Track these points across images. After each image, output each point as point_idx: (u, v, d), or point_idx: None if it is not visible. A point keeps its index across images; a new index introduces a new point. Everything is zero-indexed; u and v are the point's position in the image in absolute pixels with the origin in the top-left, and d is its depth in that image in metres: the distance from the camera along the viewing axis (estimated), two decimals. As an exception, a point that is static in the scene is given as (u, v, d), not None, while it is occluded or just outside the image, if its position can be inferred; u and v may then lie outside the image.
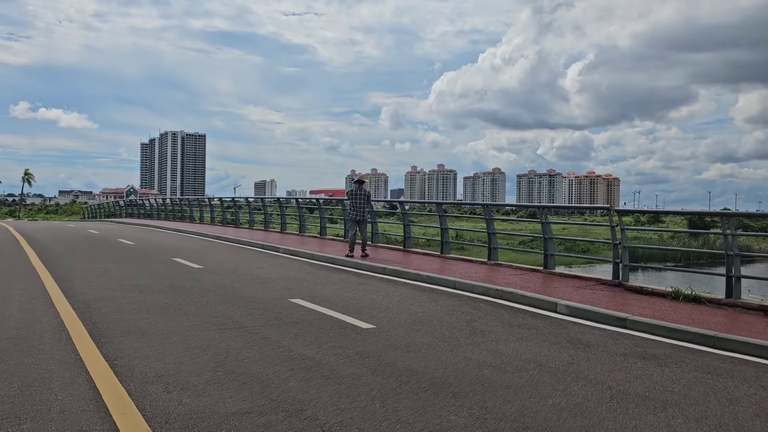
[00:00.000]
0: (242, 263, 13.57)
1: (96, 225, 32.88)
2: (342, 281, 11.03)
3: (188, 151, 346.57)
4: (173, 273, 11.62)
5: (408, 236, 15.62)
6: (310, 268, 12.99)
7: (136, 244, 18.03)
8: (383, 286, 10.58)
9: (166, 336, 6.47)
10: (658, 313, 8.10)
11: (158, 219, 34.29)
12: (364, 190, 14.35)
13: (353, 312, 8.01)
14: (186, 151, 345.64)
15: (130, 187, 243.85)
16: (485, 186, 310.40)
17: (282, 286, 10.18)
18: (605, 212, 10.61)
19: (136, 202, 42.85)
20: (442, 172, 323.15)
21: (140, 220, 35.38)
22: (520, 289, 9.64)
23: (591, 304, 8.62)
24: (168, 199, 37.27)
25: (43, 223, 37.95)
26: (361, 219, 14.22)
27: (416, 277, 11.44)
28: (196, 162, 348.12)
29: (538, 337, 6.99)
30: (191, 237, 21.82)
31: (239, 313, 7.78)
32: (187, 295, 9.07)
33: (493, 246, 13.03)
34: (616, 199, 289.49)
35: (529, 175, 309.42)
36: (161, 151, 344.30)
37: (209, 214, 29.28)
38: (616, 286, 10.32)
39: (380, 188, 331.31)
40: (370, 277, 11.63)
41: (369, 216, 14.52)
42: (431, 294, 9.79)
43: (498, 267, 12.59)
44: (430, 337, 6.75)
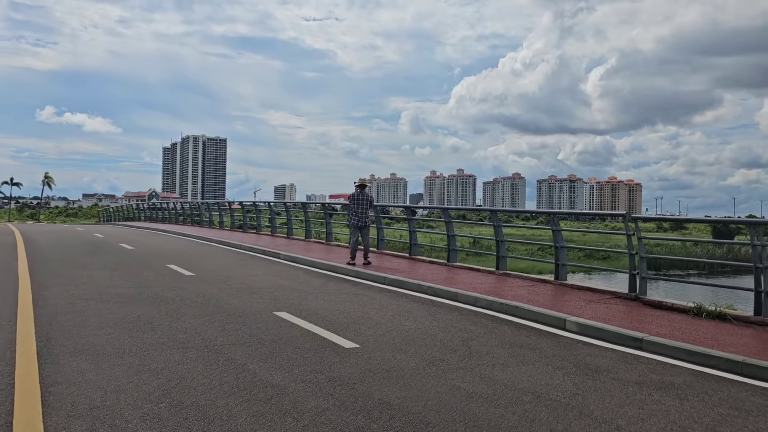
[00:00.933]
0: (237, 270, 12.92)
1: (106, 228, 32.56)
2: (337, 292, 10.31)
3: (209, 155, 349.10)
4: (161, 281, 11.00)
5: (414, 243, 14.85)
6: (307, 276, 12.30)
7: (136, 249, 17.49)
8: (380, 297, 9.85)
9: (122, 356, 5.80)
10: (678, 333, 7.27)
11: (174, 223, 33.66)
12: (366, 194, 13.66)
13: (339, 328, 7.29)
14: (207, 155, 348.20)
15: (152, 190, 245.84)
16: (505, 191, 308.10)
17: (271, 297, 9.49)
18: (621, 219, 9.78)
19: (156, 205, 41.90)
20: (461, 177, 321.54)
21: (155, 224, 34.95)
22: (527, 303, 8.84)
23: (603, 320, 7.81)
24: (183, 204, 36.33)
25: (51, 226, 37.77)
26: (363, 225, 13.51)
27: (417, 288, 10.69)
28: (216, 166, 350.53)
29: (541, 360, 6.21)
30: (196, 242, 21.27)
31: (212, 329, 7.09)
32: (165, 307, 8.42)
33: (502, 254, 12.22)
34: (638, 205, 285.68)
35: (550, 181, 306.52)
36: (183, 155, 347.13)
37: (225, 217, 28.32)
38: (632, 299, 9.48)
39: (399, 193, 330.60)
40: (368, 288, 10.91)
41: (371, 221, 13.79)
42: (430, 307, 9.04)
43: (506, 277, 11.78)
44: (417, 360, 6.00)
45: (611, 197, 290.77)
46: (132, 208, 46.83)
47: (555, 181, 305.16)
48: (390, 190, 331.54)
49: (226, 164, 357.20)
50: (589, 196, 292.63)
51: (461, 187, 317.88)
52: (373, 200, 13.83)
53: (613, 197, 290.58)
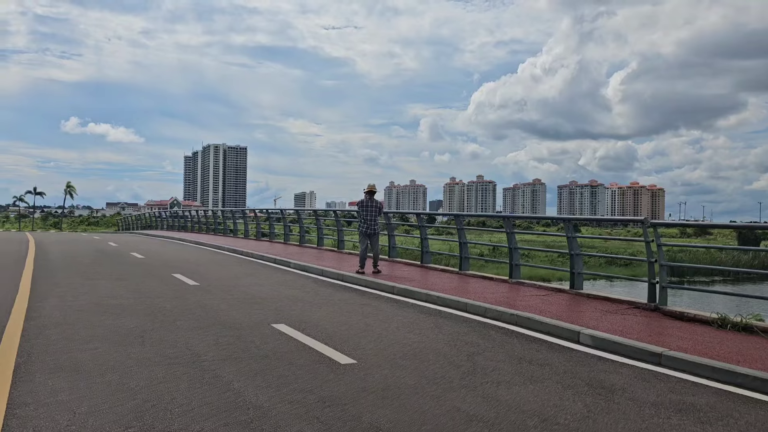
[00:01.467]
0: (244, 280, 12.61)
1: (122, 237, 32.58)
2: (343, 302, 9.94)
3: (230, 163, 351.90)
4: (162, 291, 10.72)
5: (426, 251, 14.44)
6: (315, 285, 11.95)
7: (146, 258, 17.29)
8: (386, 308, 9.46)
9: (102, 373, 5.47)
10: (701, 347, 6.79)
11: (192, 232, 33.34)
12: (375, 201, 13.28)
13: (338, 342, 6.92)
14: (228, 164, 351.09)
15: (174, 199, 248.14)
16: (525, 197, 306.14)
17: (273, 308, 9.15)
18: (640, 225, 9.30)
19: (177, 213, 41.22)
20: (481, 183, 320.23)
21: (173, 232, 34.88)
22: (539, 314, 8.39)
23: (620, 333, 7.34)
24: (202, 212, 35.88)
25: (69, 235, 37.91)
26: (372, 232, 13.13)
27: (425, 297, 10.29)
28: (237, 174, 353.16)
29: (551, 377, 5.78)
30: (209, 250, 21.06)
31: (205, 343, 6.76)
32: (161, 319, 8.11)
33: (515, 263, 11.76)
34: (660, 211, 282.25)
35: (571, 186, 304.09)
36: (204, 163, 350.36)
37: (240, 226, 27.94)
38: (652, 310, 8.98)
39: (419, 200, 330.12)
40: (375, 297, 10.53)
41: (381, 229, 13.41)
42: (437, 319, 8.63)
43: (520, 286, 11.33)
44: (417, 377, 5.60)
45: (633, 203, 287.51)
46: (153, 217, 46.66)
47: (576, 186, 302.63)
48: (410, 197, 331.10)
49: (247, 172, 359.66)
50: (611, 202, 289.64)
51: (481, 194, 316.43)
52: (383, 207, 13.44)
53: (636, 203, 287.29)
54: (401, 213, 19.21)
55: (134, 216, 54.32)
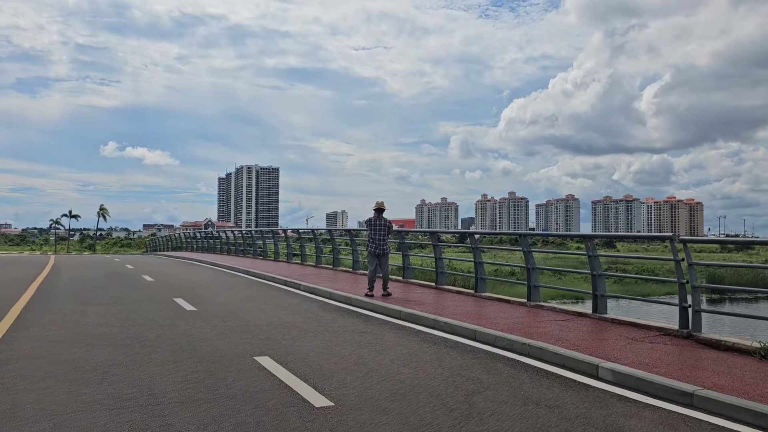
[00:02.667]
0: (247, 304, 11.93)
1: (144, 259, 32.37)
2: (342, 329, 9.16)
3: (262, 184, 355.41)
4: (154, 318, 10.08)
5: (441, 272, 13.58)
6: (318, 310, 11.20)
7: (154, 282, 16.78)
8: (388, 336, 8.64)
9: (35, 420, 4.78)
10: (740, 384, 5.82)
11: (219, 253, 32.53)
12: (385, 219, 12.49)
13: (321, 379, 6.14)
14: (260, 184, 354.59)
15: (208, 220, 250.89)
16: (559, 213, 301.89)
17: (263, 337, 8.41)
18: (668, 242, 8.34)
19: (206, 234, 39.76)
20: (513, 200, 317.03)
21: (197, 254, 34.51)
22: (554, 343, 7.49)
23: (645, 367, 6.41)
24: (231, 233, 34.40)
25: (93, 257, 37.96)
26: (382, 252, 12.34)
27: (433, 323, 9.45)
28: (270, 194, 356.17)
29: (560, 424, 4.89)
30: (225, 272, 20.56)
31: (171, 381, 6.03)
32: (137, 351, 7.44)
33: (533, 284, 10.85)
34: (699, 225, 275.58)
35: (605, 202, 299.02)
36: (237, 184, 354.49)
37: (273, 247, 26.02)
38: (684, 337, 7.99)
39: (450, 218, 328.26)
40: (379, 323, 9.72)
41: (389, 248, 12.58)
42: (441, 348, 7.78)
43: (538, 310, 10.40)
44: (399, 425, 4.78)
45: (671, 217, 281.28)
46: (182, 237, 45.57)
47: (610, 202, 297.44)
48: (441, 215, 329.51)
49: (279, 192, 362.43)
50: (647, 217, 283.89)
51: (513, 211, 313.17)
52: (392, 225, 12.63)
53: (673, 217, 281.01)
54: (416, 232, 18.29)
55: (162, 237, 54.30)
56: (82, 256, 46.60)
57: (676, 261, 8.10)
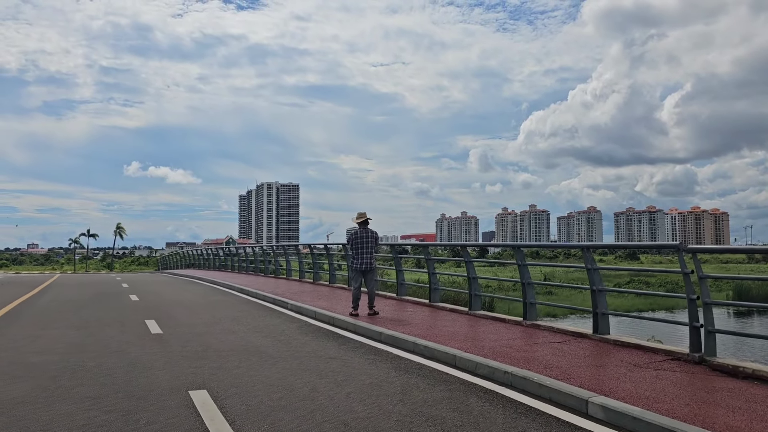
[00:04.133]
0: (220, 326, 11.01)
1: (146, 278, 31.73)
2: (309, 355, 8.18)
3: (283, 200, 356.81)
4: (109, 343, 9.20)
5: (434, 288, 12.54)
6: (295, 332, 10.23)
7: (138, 302, 15.96)
8: (357, 363, 7.64)
9: None
10: (761, 425, 4.73)
11: (230, 271, 30.36)
12: (370, 231, 11.47)
13: (253, 420, 5.16)
14: (281, 201, 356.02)
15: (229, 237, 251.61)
16: (581, 226, 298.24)
17: (216, 366, 7.47)
18: (674, 252, 7.24)
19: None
20: (534, 213, 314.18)
21: (204, 272, 33.73)
22: (541, 372, 6.42)
23: (645, 402, 5.32)
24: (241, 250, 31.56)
25: (95, 276, 37.50)
26: (368, 268, 11.31)
27: (413, 347, 8.42)
28: (290, 211, 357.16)
29: (525, 483, 3.85)
30: (219, 290, 19.72)
31: (72, 423, 5.09)
32: (62, 384, 6.52)
33: (529, 300, 9.77)
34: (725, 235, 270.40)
35: (628, 213, 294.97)
36: (258, 201, 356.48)
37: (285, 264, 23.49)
38: (696, 362, 6.88)
39: (471, 231, 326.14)
40: (354, 347, 8.72)
41: (376, 263, 11.54)
42: (411, 378, 6.75)
43: (534, 330, 9.32)
44: (317, 488, 3.77)
45: (695, 228, 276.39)
46: (195, 255, 43.70)
47: (633, 213, 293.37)
48: (461, 229, 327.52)
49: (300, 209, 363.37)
50: (671, 228, 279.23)
51: (534, 223, 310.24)
52: (378, 238, 11.61)
53: (698, 228, 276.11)
54: (399, 245, 17.17)
55: (171, 255, 53.84)
56: (86, 275, 46.09)
57: (685, 273, 7.00)
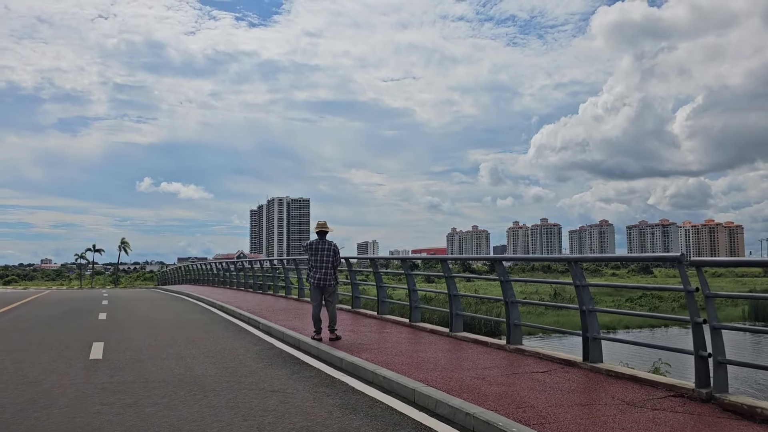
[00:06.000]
0: (171, 349, 9.86)
1: (132, 294, 30.72)
2: (250, 387, 7.00)
3: (293, 215, 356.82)
4: (31, 370, 8.08)
5: (415, 306, 11.32)
6: (250, 357, 9.06)
7: (104, 320, 14.90)
8: (300, 397, 6.44)
9: None
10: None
11: (230, 287, 28.80)
12: (329, 242, 10.17)
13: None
14: (291, 216, 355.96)
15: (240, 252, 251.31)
16: (593, 239, 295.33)
17: (129, 403, 6.31)
18: (674, 265, 6.01)
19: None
20: (545, 227, 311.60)
21: (200, 287, 32.63)
22: (510, 415, 5.21)
23: (633, 461, 4.10)
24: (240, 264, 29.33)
25: (80, 292, 36.63)
26: (324, 284, 10.06)
27: (372, 377, 7.22)
28: (301, 225, 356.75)
29: None
30: (198, 308, 18.64)
31: None
32: (-69, 427, 5.39)
33: (513, 322, 8.53)
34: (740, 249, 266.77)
35: (640, 227, 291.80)
36: (269, 216, 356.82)
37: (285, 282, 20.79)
38: (703, 401, 5.63)
39: (482, 245, 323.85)
40: (308, 377, 7.53)
41: (336, 280, 10.21)
42: (354, 420, 5.54)
43: (517, 356, 8.08)
44: None
45: (709, 241, 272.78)
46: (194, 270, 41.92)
47: (646, 226, 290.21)
48: (472, 243, 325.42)
49: (310, 223, 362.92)
50: (685, 242, 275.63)
51: (546, 237, 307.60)
52: (338, 252, 10.17)
53: (712, 241, 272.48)
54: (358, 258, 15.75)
55: (171, 269, 52.81)
56: (75, 291, 45.05)
57: (687, 291, 5.77)
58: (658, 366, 11.51)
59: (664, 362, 11.96)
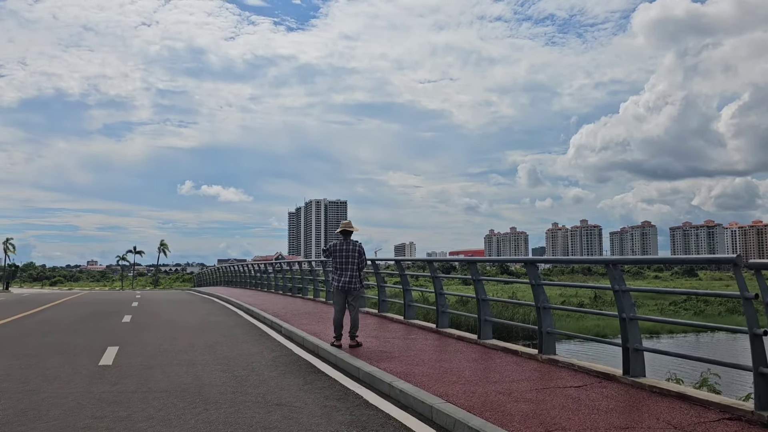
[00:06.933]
0: (189, 355, 9.44)
1: (164, 295, 30.72)
2: (253, 400, 6.47)
3: (331, 217, 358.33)
4: (35, 377, 7.72)
5: (442, 311, 10.68)
6: (264, 365, 8.55)
7: (127, 323, 14.65)
8: (306, 413, 5.88)
9: None
10: None
11: (263, 290, 28.29)
12: (354, 243, 9.64)
13: None
14: (329, 218, 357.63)
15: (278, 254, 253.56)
16: (635, 241, 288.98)
17: (123, 416, 5.84)
18: (730, 268, 5.25)
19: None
20: (585, 228, 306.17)
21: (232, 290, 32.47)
22: (537, 440, 4.55)
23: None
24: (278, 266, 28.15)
25: (114, 293, 36.99)
26: (351, 288, 9.53)
27: (388, 390, 6.63)
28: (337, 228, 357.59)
29: None
30: (225, 310, 18.32)
31: None
32: None
33: (546, 329, 7.82)
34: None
35: (684, 228, 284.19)
36: (306, 218, 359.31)
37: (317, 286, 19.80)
38: (764, 425, 4.87)
39: (521, 247, 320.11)
40: (319, 388, 6.97)
41: (362, 283, 9.65)
42: (362, 441, 4.97)
43: (550, 368, 7.38)
44: None
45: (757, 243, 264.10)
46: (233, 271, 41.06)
47: (690, 228, 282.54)
48: (510, 245, 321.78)
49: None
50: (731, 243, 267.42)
51: (586, 239, 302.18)
52: (363, 252, 9.64)
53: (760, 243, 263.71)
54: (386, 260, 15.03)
55: (210, 270, 53.04)
56: (109, 292, 45.72)
57: (745, 299, 5.01)
58: (707, 377, 10.59)
59: (713, 372, 11.03)
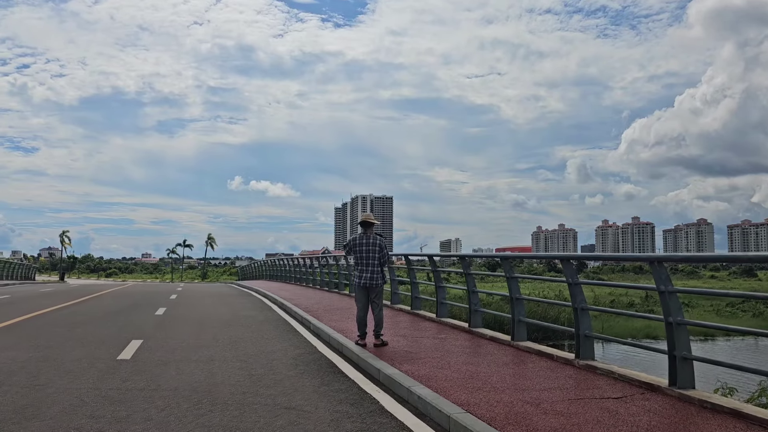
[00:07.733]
0: (211, 351, 9.15)
1: (206, 288, 30.88)
2: (263, 402, 6.06)
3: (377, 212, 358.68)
4: (46, 371, 7.50)
5: (474, 309, 10.10)
6: (284, 363, 8.15)
7: (159, 315, 14.56)
8: (314, 419, 5.43)
9: None
10: None
11: (302, 285, 28.01)
12: (376, 237, 9.12)
13: None
14: (375, 213, 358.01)
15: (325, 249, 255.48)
16: (689, 239, 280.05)
17: (122, 416, 5.51)
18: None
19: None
20: (637, 226, 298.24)
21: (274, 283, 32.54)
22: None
23: None
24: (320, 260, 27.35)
25: (158, 285, 37.64)
26: (373, 284, 9.01)
27: (407, 395, 6.12)
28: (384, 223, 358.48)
29: None
30: (259, 305, 18.15)
31: None
32: None
33: (584, 332, 7.18)
34: None
35: (743, 226, 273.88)
36: (353, 214, 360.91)
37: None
38: (835, 452, 4.17)
39: (569, 244, 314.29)
40: (335, 391, 6.52)
41: (384, 280, 9.14)
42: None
43: (588, 375, 6.74)
44: None
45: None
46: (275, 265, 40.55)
47: (749, 226, 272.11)
48: (558, 242, 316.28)
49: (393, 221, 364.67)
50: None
51: (637, 236, 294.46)
52: (384, 247, 9.08)
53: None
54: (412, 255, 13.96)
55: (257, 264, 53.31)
56: (154, 284, 46.82)
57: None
58: (766, 387, 9.75)
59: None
